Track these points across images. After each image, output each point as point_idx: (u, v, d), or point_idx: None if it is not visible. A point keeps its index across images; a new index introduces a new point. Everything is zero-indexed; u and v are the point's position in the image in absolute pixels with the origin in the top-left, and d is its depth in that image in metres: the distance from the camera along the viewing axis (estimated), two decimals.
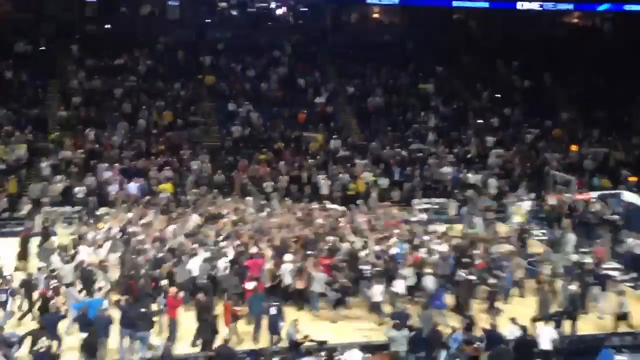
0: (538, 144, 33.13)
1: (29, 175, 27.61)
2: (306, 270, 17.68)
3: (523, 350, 14.68)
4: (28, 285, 16.50)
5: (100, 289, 16.79)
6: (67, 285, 16.62)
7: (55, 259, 17.80)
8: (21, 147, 28.05)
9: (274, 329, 15.54)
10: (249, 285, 16.74)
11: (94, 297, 16.37)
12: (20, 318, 16.25)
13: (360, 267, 18.20)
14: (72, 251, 18.68)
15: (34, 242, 20.31)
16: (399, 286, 17.47)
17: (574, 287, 17.26)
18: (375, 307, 17.33)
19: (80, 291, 16.88)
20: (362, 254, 18.78)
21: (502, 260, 19.22)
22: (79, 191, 26.03)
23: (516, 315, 15.79)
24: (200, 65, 35.99)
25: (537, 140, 33.45)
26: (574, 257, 21.90)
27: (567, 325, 16.60)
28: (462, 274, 18.08)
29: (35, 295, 16.29)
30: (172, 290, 15.76)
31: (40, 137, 29.63)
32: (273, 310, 15.65)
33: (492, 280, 18.04)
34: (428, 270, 18.09)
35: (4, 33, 34.67)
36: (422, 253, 19.16)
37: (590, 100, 36.78)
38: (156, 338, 15.27)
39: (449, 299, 17.71)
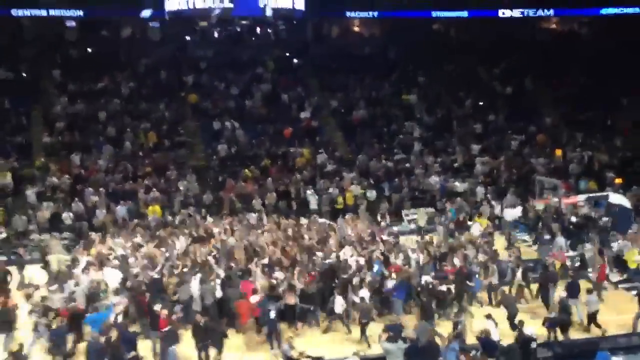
0: (523, 149, 33.35)
1: (15, 204, 27.41)
2: (296, 285, 17.73)
3: (525, 348, 14.82)
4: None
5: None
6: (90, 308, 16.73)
7: (71, 282, 17.86)
8: (6, 175, 27.87)
9: (274, 328, 16.26)
10: (254, 298, 17.16)
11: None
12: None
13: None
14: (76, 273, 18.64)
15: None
16: (363, 294, 17.56)
17: (562, 293, 17.37)
18: (334, 318, 17.57)
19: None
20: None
21: (476, 266, 19.49)
22: (67, 217, 25.90)
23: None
24: (183, 84, 36.01)
25: (521, 146, 33.68)
26: None
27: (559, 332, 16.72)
28: (426, 279, 18.33)
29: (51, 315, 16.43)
30: (163, 312, 15.68)
31: (25, 164, 29.50)
32: (272, 315, 16.33)
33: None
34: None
35: None
36: (399, 261, 19.52)
37: (573, 103, 37.15)
38: None
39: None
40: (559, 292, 18.01)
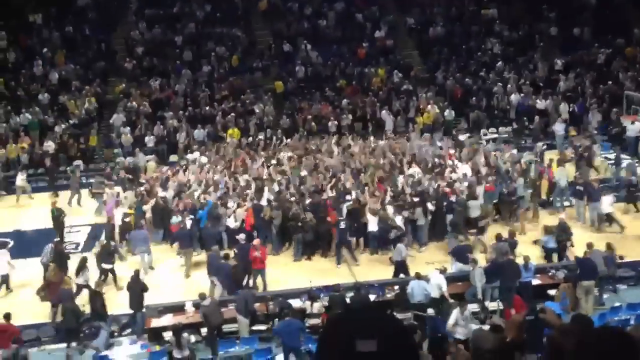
0: (610, 63, 31.70)
1: (99, 128, 28.40)
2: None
3: None
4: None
5: None
6: None
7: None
8: (91, 100, 28.79)
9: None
10: None
11: None
12: None
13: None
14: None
15: None
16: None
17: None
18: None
19: None
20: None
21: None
22: (149, 140, 26.68)
23: None
24: (256, 7, 35.67)
25: (609, 60, 32.00)
26: None
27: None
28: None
29: None
30: (257, 242, 16.16)
31: (107, 89, 30.32)
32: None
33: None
34: None
35: None
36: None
37: None
38: None
39: None
40: None
